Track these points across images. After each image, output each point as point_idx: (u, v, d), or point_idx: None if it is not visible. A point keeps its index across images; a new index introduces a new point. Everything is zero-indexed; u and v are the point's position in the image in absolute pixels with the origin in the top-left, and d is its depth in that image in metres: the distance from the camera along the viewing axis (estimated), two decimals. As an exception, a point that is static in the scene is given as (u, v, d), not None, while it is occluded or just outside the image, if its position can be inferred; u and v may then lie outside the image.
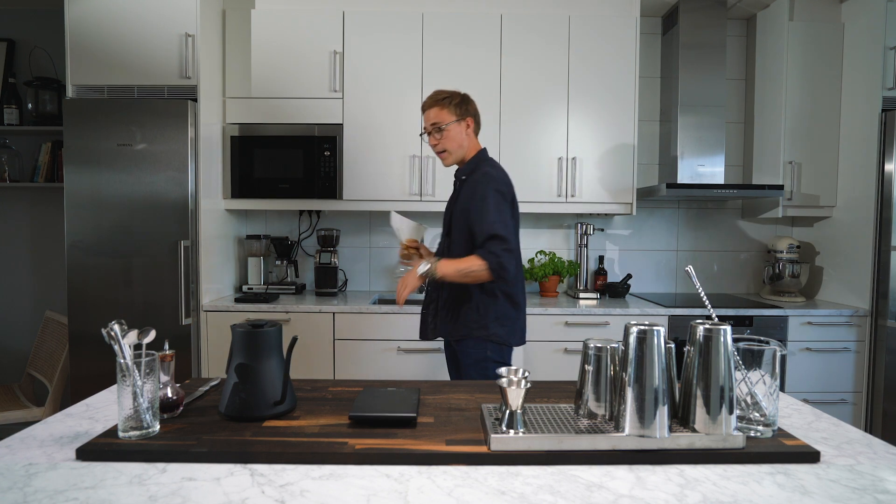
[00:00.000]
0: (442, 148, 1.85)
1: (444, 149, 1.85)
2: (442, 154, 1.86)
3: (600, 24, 2.75)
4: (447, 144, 1.85)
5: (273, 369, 1.03)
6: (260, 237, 2.96)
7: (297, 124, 2.73)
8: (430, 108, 1.85)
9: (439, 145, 1.85)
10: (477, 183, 1.79)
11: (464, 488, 0.79)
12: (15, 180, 3.04)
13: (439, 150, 1.86)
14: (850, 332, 2.65)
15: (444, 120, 1.83)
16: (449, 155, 1.86)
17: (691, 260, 3.21)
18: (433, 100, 1.85)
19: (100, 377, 2.42)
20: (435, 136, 1.85)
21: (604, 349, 0.97)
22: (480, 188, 1.78)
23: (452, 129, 1.84)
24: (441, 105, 1.84)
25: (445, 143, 1.84)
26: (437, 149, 1.86)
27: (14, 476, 0.81)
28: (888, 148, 2.58)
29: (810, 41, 2.84)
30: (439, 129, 1.84)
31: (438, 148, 1.85)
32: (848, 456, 0.91)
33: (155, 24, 2.51)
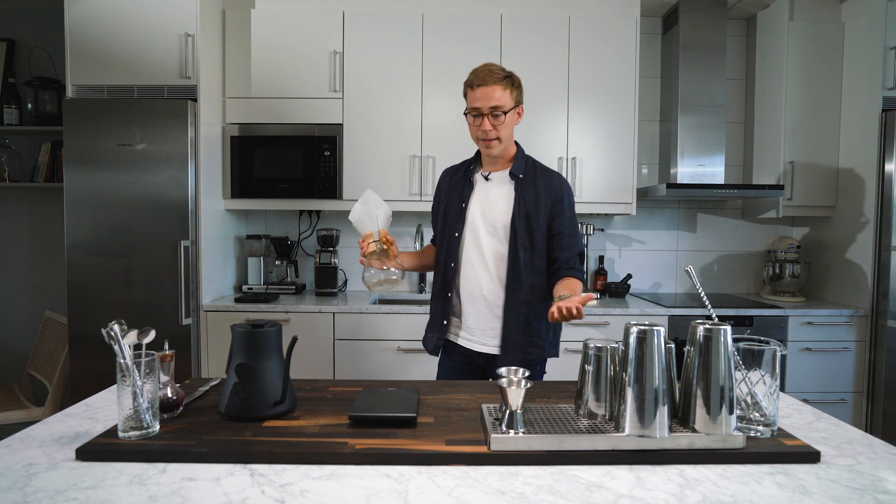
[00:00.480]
0: (497, 135, 1.57)
1: (498, 136, 1.58)
2: (492, 142, 1.58)
3: (600, 24, 2.75)
4: (504, 132, 1.58)
5: (273, 369, 1.03)
6: (260, 237, 2.96)
7: (297, 124, 2.73)
8: (493, 85, 1.55)
9: (495, 131, 1.56)
10: (561, 190, 1.63)
11: (464, 488, 0.79)
12: (15, 180, 3.04)
13: (492, 138, 1.57)
14: (850, 331, 2.65)
15: (506, 105, 1.56)
16: (499, 145, 1.60)
17: (691, 260, 3.21)
18: (496, 76, 1.56)
19: (100, 377, 2.41)
20: (492, 121, 1.56)
21: (604, 349, 0.97)
22: (568, 198, 1.64)
23: (511, 117, 1.59)
24: (505, 85, 1.56)
25: (503, 130, 1.58)
26: (492, 135, 1.57)
27: (14, 476, 0.81)
28: (888, 148, 2.58)
29: (810, 41, 2.84)
30: (501, 114, 1.56)
31: (493, 134, 1.57)
32: (848, 456, 0.91)
33: (155, 24, 2.51)
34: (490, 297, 1.62)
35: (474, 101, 1.56)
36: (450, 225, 1.68)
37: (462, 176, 1.72)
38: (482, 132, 1.57)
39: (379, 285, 1.55)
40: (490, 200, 1.65)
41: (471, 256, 1.65)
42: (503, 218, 1.62)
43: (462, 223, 1.66)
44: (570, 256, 1.62)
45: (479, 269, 1.64)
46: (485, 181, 1.68)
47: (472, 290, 1.65)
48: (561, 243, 1.62)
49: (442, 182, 1.78)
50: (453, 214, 1.68)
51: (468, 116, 1.61)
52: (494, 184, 1.67)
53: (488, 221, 1.63)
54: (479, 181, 1.69)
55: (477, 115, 1.57)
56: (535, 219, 1.60)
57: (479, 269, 1.64)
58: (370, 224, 1.52)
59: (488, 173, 1.67)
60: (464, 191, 1.69)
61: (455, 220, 1.67)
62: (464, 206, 1.67)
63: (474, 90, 1.56)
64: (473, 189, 1.68)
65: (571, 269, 1.61)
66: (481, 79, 1.56)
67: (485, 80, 1.55)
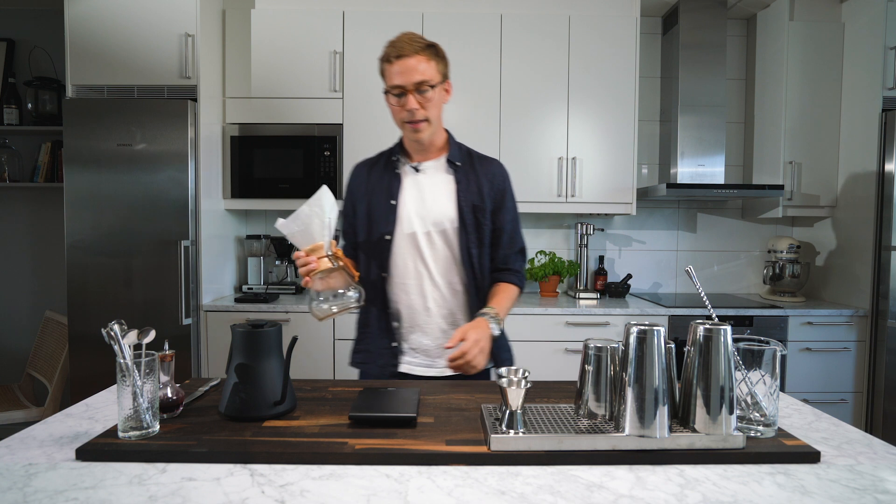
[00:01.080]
0: (425, 116, 1.35)
1: (427, 117, 1.36)
2: (421, 124, 1.36)
3: (600, 24, 2.75)
4: (432, 112, 1.37)
5: (273, 369, 1.03)
6: (260, 237, 2.96)
7: (297, 124, 2.73)
8: (415, 56, 1.32)
9: (422, 111, 1.34)
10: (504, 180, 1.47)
11: (464, 488, 0.79)
12: (15, 180, 3.04)
13: (420, 119, 1.35)
14: (850, 331, 2.65)
15: (432, 78, 1.34)
16: (429, 127, 1.37)
17: (691, 260, 3.21)
18: (417, 45, 1.33)
19: (100, 377, 2.42)
20: (418, 98, 1.33)
21: (604, 349, 0.97)
22: (510, 188, 1.48)
23: (438, 93, 1.37)
24: (428, 55, 1.34)
25: (431, 109, 1.36)
26: (419, 115, 1.34)
27: (14, 476, 0.81)
28: (888, 148, 2.58)
29: (810, 41, 2.84)
30: (428, 88, 1.34)
31: (421, 115, 1.34)
32: (848, 456, 0.91)
33: (155, 24, 2.51)
34: (437, 308, 1.42)
35: (395, 76, 1.33)
36: (376, 227, 1.42)
37: (384, 169, 1.47)
38: (407, 113, 1.34)
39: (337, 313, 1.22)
40: (426, 194, 1.42)
41: (407, 263, 1.41)
42: (447, 213, 1.40)
43: (392, 224, 1.40)
44: (509, 254, 1.46)
45: (423, 276, 1.41)
46: (415, 173, 1.45)
47: (413, 303, 1.42)
48: (500, 240, 1.45)
49: (356, 179, 1.51)
50: (380, 214, 1.42)
51: (388, 97, 1.38)
52: (428, 175, 1.44)
53: (428, 219, 1.40)
54: (408, 174, 1.45)
55: (400, 94, 1.34)
56: (481, 212, 1.41)
57: (423, 276, 1.41)
58: (320, 232, 1.18)
59: (418, 163, 1.45)
60: (390, 185, 1.43)
61: (383, 221, 1.41)
62: (393, 203, 1.41)
63: (393, 64, 1.32)
64: (402, 183, 1.44)
65: (508, 272, 1.46)
66: (400, 49, 1.32)
67: (405, 51, 1.32)
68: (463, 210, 1.40)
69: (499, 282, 1.46)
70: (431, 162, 1.46)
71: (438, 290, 1.42)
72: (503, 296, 1.42)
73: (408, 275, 1.42)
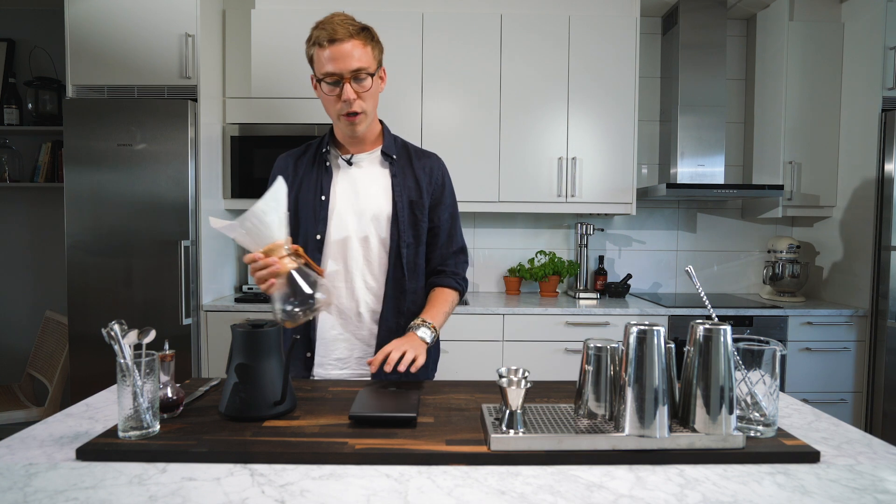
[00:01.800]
0: (362, 108, 1.25)
1: (363, 109, 1.26)
2: (358, 116, 1.26)
3: (600, 24, 2.75)
4: (369, 103, 1.27)
5: (273, 369, 1.03)
6: (260, 237, 2.96)
7: (297, 124, 2.73)
8: (350, 40, 1.21)
9: (360, 101, 1.24)
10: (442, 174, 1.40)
11: (464, 488, 0.79)
12: (15, 180, 3.04)
13: (358, 111, 1.25)
14: (850, 331, 2.65)
15: (369, 65, 1.23)
16: (366, 119, 1.28)
17: (691, 260, 3.21)
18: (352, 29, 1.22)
19: (100, 377, 2.42)
20: (355, 87, 1.23)
21: (604, 349, 0.97)
22: (449, 183, 1.40)
23: (375, 82, 1.27)
24: (364, 40, 1.23)
25: (369, 100, 1.26)
26: (357, 107, 1.24)
27: (14, 476, 0.81)
28: (888, 148, 2.58)
29: (810, 41, 2.84)
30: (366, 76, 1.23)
31: (359, 106, 1.24)
32: (848, 456, 0.91)
33: (155, 24, 2.51)
34: (368, 313, 1.32)
35: (327, 62, 1.20)
36: (305, 225, 1.31)
37: (311, 162, 1.36)
38: (343, 104, 1.23)
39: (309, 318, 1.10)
40: (360, 189, 1.32)
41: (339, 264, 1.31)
42: (383, 209, 1.31)
43: (324, 223, 1.30)
44: (446, 255, 1.38)
45: (356, 279, 1.31)
46: (348, 166, 1.35)
47: (345, 308, 1.31)
48: (437, 238, 1.37)
49: (280, 172, 1.36)
50: (309, 211, 1.31)
51: (321, 85, 1.25)
52: (361, 168, 1.35)
53: (363, 216, 1.31)
54: (340, 167, 1.35)
55: (334, 83, 1.22)
56: (419, 207, 1.33)
57: (356, 279, 1.31)
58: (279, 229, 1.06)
59: (350, 156, 1.35)
60: (320, 180, 1.32)
61: (312, 220, 1.30)
62: (324, 199, 1.31)
63: (325, 48, 1.20)
64: (332, 177, 1.33)
65: (445, 275, 1.37)
66: (332, 32, 1.19)
67: (338, 34, 1.20)
68: (397, 205, 1.31)
69: (435, 286, 1.37)
70: (365, 154, 1.36)
71: (371, 292, 1.33)
72: (438, 303, 1.33)
73: (339, 277, 1.31)
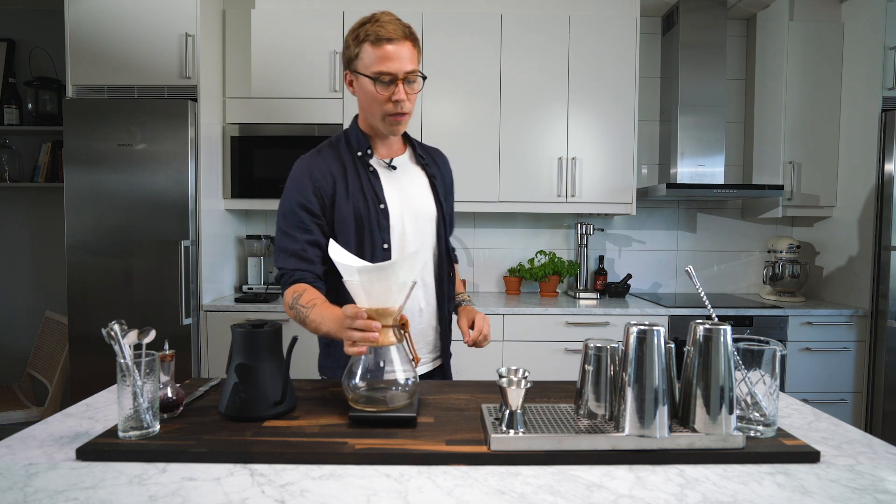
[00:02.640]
0: (409, 109, 1.25)
1: (409, 111, 1.26)
2: (403, 118, 1.25)
3: (600, 24, 2.75)
4: (413, 106, 1.27)
5: (273, 369, 1.03)
6: (260, 237, 2.96)
7: (297, 124, 2.73)
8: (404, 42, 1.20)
9: (408, 102, 1.24)
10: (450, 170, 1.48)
11: (464, 488, 0.79)
12: (15, 180, 3.04)
13: (405, 112, 1.24)
14: (850, 331, 2.65)
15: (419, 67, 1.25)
16: (408, 120, 1.28)
17: (691, 260, 3.21)
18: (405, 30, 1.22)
19: (100, 377, 2.42)
20: (406, 89, 1.22)
21: (604, 349, 0.97)
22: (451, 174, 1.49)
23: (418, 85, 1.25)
24: (414, 43, 1.23)
25: (413, 103, 1.27)
26: (405, 109, 1.23)
27: (14, 476, 0.81)
28: (888, 148, 2.58)
29: (810, 41, 2.84)
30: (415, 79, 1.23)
31: (406, 108, 1.24)
32: (848, 456, 0.91)
33: (155, 24, 2.51)
34: (427, 308, 1.35)
35: (382, 62, 1.18)
36: (370, 235, 1.27)
37: (353, 164, 1.30)
38: (393, 104, 1.21)
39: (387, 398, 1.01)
40: (407, 192, 1.33)
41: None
42: (432, 210, 1.34)
43: (387, 231, 1.28)
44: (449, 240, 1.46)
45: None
46: (391, 170, 1.33)
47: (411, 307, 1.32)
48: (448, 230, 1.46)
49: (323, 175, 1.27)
50: (371, 220, 1.27)
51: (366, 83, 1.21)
52: (403, 172, 1.35)
53: (420, 219, 1.32)
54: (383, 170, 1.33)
55: (388, 82, 1.20)
56: (448, 205, 1.41)
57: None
58: (398, 297, 0.99)
59: (391, 159, 1.33)
60: (371, 186, 1.28)
61: (377, 228, 1.27)
62: (383, 207, 1.28)
63: (380, 47, 1.18)
64: (382, 183, 1.31)
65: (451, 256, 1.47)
66: (391, 31, 1.18)
67: (395, 34, 1.18)
68: (442, 205, 1.37)
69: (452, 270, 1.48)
70: (400, 158, 1.36)
71: (429, 288, 1.36)
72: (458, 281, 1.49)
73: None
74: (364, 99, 1.26)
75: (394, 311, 0.99)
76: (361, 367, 1.01)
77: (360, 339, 0.95)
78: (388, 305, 0.98)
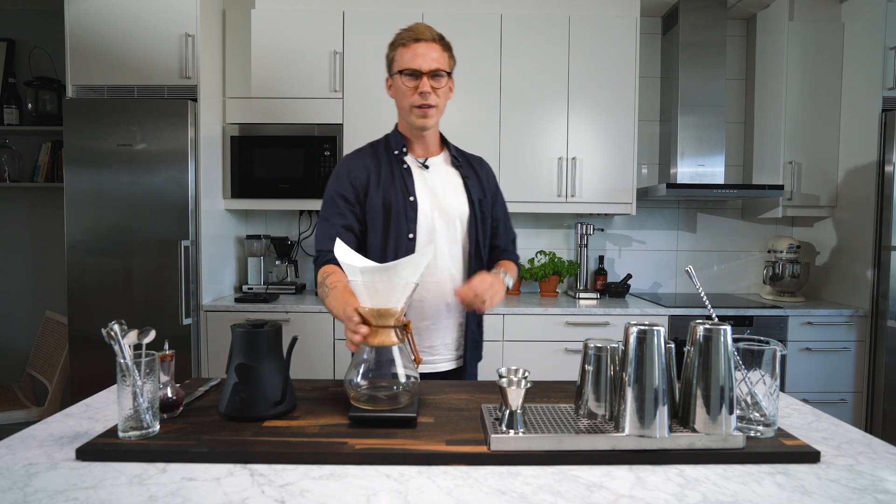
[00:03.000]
0: (436, 102, 1.35)
1: (436, 104, 1.35)
2: (431, 110, 1.35)
3: (600, 24, 2.75)
4: (441, 101, 1.37)
5: (273, 369, 1.03)
6: (260, 237, 2.96)
7: (297, 124, 2.73)
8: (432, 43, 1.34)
9: (434, 96, 1.34)
10: (494, 175, 1.55)
11: (464, 488, 0.79)
12: (15, 180, 3.04)
13: (432, 104, 1.34)
14: (850, 331, 2.65)
15: (446, 68, 1.36)
16: (436, 115, 1.37)
17: (691, 260, 3.21)
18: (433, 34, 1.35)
19: (100, 377, 2.42)
20: (432, 83, 1.33)
21: (604, 349, 0.97)
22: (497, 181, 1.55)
23: (447, 84, 1.37)
24: (443, 46, 1.36)
25: (441, 99, 1.37)
26: (431, 100, 1.33)
27: (14, 476, 0.81)
28: (888, 148, 2.58)
29: (810, 41, 2.84)
30: (443, 74, 1.35)
31: (431, 101, 1.33)
32: (848, 456, 0.91)
33: (155, 24, 2.51)
34: (454, 303, 1.43)
35: (411, 59, 1.32)
36: (397, 224, 1.37)
37: (388, 161, 1.42)
38: (420, 96, 1.32)
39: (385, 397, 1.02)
40: (439, 191, 1.41)
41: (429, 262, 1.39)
42: (461, 208, 1.42)
43: (414, 223, 1.37)
44: (507, 242, 1.54)
45: (443, 273, 1.40)
46: (424, 169, 1.43)
47: (436, 301, 1.40)
48: (498, 231, 1.52)
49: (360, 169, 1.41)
50: (399, 211, 1.37)
51: (398, 78, 1.35)
52: (435, 171, 1.44)
53: (448, 215, 1.41)
54: (416, 168, 1.43)
55: (413, 76, 1.32)
56: (486, 206, 1.47)
57: (443, 273, 1.40)
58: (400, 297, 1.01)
59: (424, 159, 1.44)
60: (403, 181, 1.39)
61: (404, 219, 1.37)
62: (412, 199, 1.38)
63: (409, 47, 1.33)
64: (413, 179, 1.41)
65: (509, 254, 1.53)
66: (419, 33, 1.33)
67: (424, 35, 1.33)
68: (474, 204, 1.43)
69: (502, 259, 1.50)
70: (435, 158, 1.47)
71: (455, 283, 1.43)
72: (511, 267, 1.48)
73: (429, 272, 1.37)
74: (397, 96, 1.39)
75: (396, 312, 1.02)
76: (363, 366, 1.04)
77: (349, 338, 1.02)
78: (391, 306, 1.01)
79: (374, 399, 1.02)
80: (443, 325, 1.43)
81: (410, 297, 1.05)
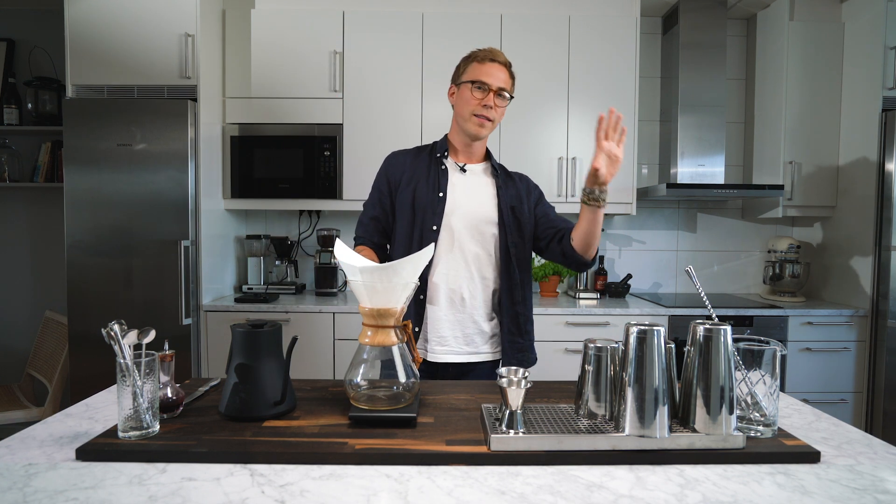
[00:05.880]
0: (493, 116, 1.47)
1: (493, 118, 1.47)
2: (487, 123, 1.47)
3: (600, 24, 2.75)
4: (498, 118, 1.49)
5: (273, 369, 1.03)
6: (260, 237, 2.96)
7: (297, 124, 2.73)
8: (503, 65, 1.47)
9: (494, 111, 1.46)
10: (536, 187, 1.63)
11: (464, 488, 0.79)
12: (15, 180, 3.04)
13: (489, 117, 1.46)
14: (850, 331, 2.65)
15: (510, 91, 1.49)
16: (491, 128, 1.49)
17: (691, 260, 3.21)
18: (504, 59, 1.48)
19: (100, 377, 2.41)
20: (496, 101, 1.45)
21: (604, 349, 0.97)
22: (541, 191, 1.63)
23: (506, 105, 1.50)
24: (511, 73, 1.50)
25: (499, 116, 1.49)
26: (490, 115, 1.45)
27: (14, 476, 0.81)
28: (888, 148, 2.58)
29: (810, 41, 2.84)
30: (507, 95, 1.48)
31: (492, 113, 1.46)
32: (848, 456, 0.91)
33: (155, 24, 2.51)
34: (471, 300, 1.49)
35: (483, 74, 1.44)
36: (423, 217, 1.48)
37: (428, 162, 1.54)
38: (483, 106, 1.44)
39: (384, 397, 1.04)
40: (471, 193, 1.51)
41: (448, 254, 1.48)
42: (488, 213, 1.50)
43: (440, 216, 1.47)
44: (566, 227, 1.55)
45: (459, 267, 1.48)
46: (461, 172, 1.53)
47: (451, 292, 1.48)
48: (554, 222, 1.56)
49: (396, 166, 1.55)
50: (427, 205, 1.48)
51: (465, 87, 1.46)
52: (472, 176, 1.54)
53: (475, 215, 1.49)
54: (454, 171, 1.53)
55: (481, 88, 1.44)
56: (520, 211, 1.53)
57: (459, 267, 1.48)
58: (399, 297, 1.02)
59: (464, 164, 1.54)
60: (437, 179, 1.50)
61: (431, 212, 1.47)
62: (441, 195, 1.48)
63: (483, 64, 1.45)
64: (448, 178, 1.51)
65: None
66: (494, 55, 1.46)
67: (499, 57, 1.46)
68: (503, 211, 1.50)
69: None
70: (475, 165, 1.56)
71: (475, 281, 1.49)
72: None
73: (447, 265, 1.48)
74: (459, 103, 1.50)
75: (395, 312, 1.03)
76: (363, 366, 1.05)
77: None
78: (390, 306, 1.02)
79: (374, 399, 1.03)
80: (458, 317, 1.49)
81: (410, 297, 1.05)
